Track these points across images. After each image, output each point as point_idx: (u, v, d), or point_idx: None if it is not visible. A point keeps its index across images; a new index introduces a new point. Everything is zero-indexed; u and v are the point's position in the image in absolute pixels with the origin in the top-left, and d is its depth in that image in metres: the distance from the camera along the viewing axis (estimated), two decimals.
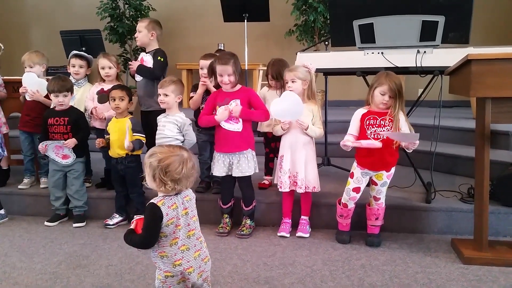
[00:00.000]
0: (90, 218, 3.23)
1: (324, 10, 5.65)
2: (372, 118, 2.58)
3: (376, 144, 2.50)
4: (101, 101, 3.35)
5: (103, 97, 3.30)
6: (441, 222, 2.86)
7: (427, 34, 2.82)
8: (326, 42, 4.34)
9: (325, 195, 3.01)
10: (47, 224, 3.15)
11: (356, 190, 2.67)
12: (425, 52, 2.86)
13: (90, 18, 6.44)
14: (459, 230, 2.83)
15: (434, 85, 2.97)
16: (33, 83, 3.36)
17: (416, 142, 2.49)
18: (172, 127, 2.89)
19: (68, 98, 3.13)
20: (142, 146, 3.00)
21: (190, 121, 2.96)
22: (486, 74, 2.25)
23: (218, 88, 2.94)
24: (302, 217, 2.91)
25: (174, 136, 2.88)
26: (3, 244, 2.85)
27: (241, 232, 2.88)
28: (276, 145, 3.21)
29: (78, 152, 3.16)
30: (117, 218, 3.12)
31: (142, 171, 1.73)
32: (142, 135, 3.01)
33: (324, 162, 3.56)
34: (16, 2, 7.45)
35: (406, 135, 2.52)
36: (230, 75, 2.75)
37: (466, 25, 2.89)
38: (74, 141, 3.09)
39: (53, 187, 3.18)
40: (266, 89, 3.34)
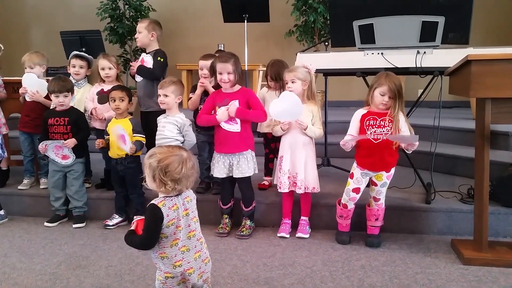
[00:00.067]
0: (90, 219, 3.23)
1: (324, 11, 5.65)
2: (372, 118, 2.59)
3: (367, 136, 2.53)
4: (101, 101, 3.35)
5: (103, 97, 3.30)
6: (441, 223, 2.86)
7: (427, 34, 2.82)
8: (326, 43, 4.34)
9: (325, 196, 3.01)
10: (47, 224, 3.15)
11: (356, 190, 2.67)
12: (425, 52, 2.87)
13: (90, 18, 6.44)
14: (459, 230, 2.83)
15: (434, 85, 2.97)
16: (33, 84, 3.36)
17: (415, 143, 2.49)
18: (172, 128, 2.89)
19: (68, 98, 3.14)
20: (142, 147, 3.00)
21: (190, 121, 2.96)
22: (486, 75, 2.26)
23: (218, 88, 2.94)
24: (302, 217, 2.91)
25: (174, 136, 2.89)
26: (3, 244, 2.85)
27: (241, 232, 2.88)
28: (276, 145, 3.21)
29: (78, 152, 3.16)
30: (117, 219, 3.12)
31: (142, 172, 1.73)
32: (142, 136, 3.01)
33: (324, 162, 3.56)
34: (16, 3, 7.45)
35: (405, 138, 2.52)
36: (229, 74, 2.75)
37: (466, 25, 2.90)
38: (73, 141, 3.09)
39: (53, 188, 3.18)
40: (265, 89, 3.34)
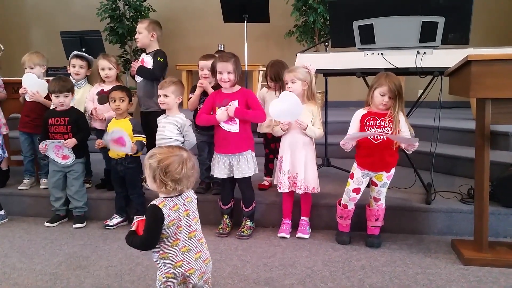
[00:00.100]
0: (90, 219, 3.23)
1: (324, 11, 5.65)
2: (372, 119, 2.59)
3: (368, 133, 2.53)
4: (101, 102, 3.35)
5: (103, 98, 3.29)
6: (441, 223, 2.86)
7: (427, 35, 2.82)
8: (326, 43, 4.34)
9: (325, 196, 3.01)
10: (47, 225, 3.16)
11: (356, 191, 2.67)
12: (425, 53, 2.87)
13: (90, 19, 6.44)
14: (459, 231, 2.83)
15: (434, 86, 2.97)
16: (33, 84, 3.36)
17: (415, 144, 2.49)
18: (172, 128, 2.89)
19: (69, 98, 3.14)
20: (143, 146, 3.00)
21: (190, 122, 2.97)
22: (485, 75, 2.26)
23: (218, 88, 2.94)
24: (302, 218, 2.91)
25: (174, 137, 2.89)
26: (3, 245, 2.85)
27: (241, 233, 2.88)
28: (276, 146, 3.21)
29: (78, 153, 3.16)
30: (117, 219, 3.12)
31: (142, 172, 1.73)
32: (142, 136, 3.01)
33: (324, 163, 3.56)
34: (16, 3, 7.45)
35: (406, 139, 2.52)
36: (230, 73, 2.75)
37: (466, 26, 2.90)
38: (74, 141, 3.09)
39: (53, 188, 3.18)
40: (265, 90, 3.34)
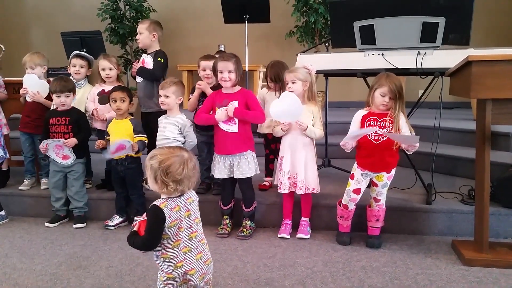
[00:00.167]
0: (91, 219, 3.23)
1: (324, 12, 5.65)
2: (372, 119, 2.59)
3: (368, 130, 2.52)
4: (102, 102, 3.35)
5: (104, 98, 3.30)
6: (441, 224, 2.86)
7: (428, 35, 2.82)
8: (327, 44, 4.33)
9: (325, 197, 3.01)
10: (48, 225, 3.16)
11: (356, 191, 2.67)
12: (425, 53, 2.87)
13: (91, 19, 6.43)
14: (460, 231, 2.83)
15: (435, 86, 2.97)
16: (33, 84, 3.36)
17: (416, 144, 2.49)
18: (173, 129, 2.89)
19: (70, 98, 3.14)
20: (145, 146, 3.00)
21: (191, 122, 2.97)
22: (486, 76, 2.26)
23: (218, 89, 2.94)
24: (303, 218, 2.91)
25: (175, 137, 2.89)
26: (4, 245, 2.85)
27: (241, 233, 2.88)
28: (276, 146, 3.21)
29: (79, 153, 3.16)
30: (117, 219, 3.12)
31: (142, 173, 1.73)
32: (144, 136, 3.01)
33: (324, 163, 3.56)
34: (16, 3, 7.45)
35: (406, 137, 2.52)
36: (230, 72, 2.74)
37: (467, 26, 2.90)
38: (74, 140, 3.09)
39: (53, 188, 3.18)
40: (265, 90, 3.34)
